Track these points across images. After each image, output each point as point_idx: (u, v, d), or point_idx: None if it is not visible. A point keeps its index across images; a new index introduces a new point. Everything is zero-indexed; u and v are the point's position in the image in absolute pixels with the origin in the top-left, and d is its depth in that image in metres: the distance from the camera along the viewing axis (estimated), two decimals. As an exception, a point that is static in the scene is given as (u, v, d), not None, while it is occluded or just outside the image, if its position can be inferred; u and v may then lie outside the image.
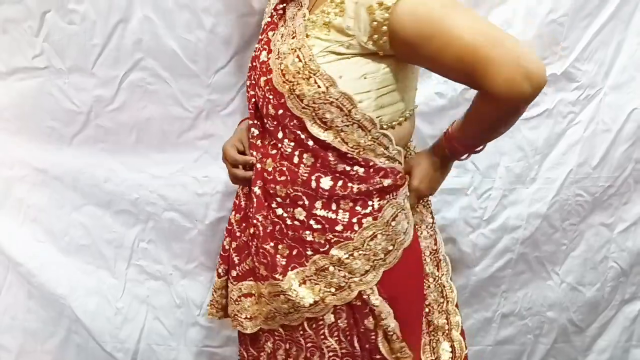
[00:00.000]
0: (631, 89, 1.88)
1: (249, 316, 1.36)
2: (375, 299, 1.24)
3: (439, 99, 1.79)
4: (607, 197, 1.99)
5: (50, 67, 1.72)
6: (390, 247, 1.25)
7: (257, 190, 1.28)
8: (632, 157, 1.94)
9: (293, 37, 1.20)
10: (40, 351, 1.92)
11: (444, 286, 1.42)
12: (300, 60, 1.17)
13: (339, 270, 1.24)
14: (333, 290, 1.25)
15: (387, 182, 1.22)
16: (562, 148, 1.91)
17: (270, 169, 1.26)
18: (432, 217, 1.45)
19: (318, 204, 1.23)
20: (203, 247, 1.90)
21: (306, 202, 1.23)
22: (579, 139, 1.91)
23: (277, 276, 1.26)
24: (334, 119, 1.18)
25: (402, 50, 1.14)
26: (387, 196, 1.24)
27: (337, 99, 1.17)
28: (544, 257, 2.03)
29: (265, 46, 1.29)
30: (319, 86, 1.16)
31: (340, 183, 1.22)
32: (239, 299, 1.37)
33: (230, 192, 1.85)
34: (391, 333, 1.25)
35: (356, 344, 1.28)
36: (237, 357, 1.94)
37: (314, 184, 1.22)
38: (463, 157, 1.32)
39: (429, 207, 1.44)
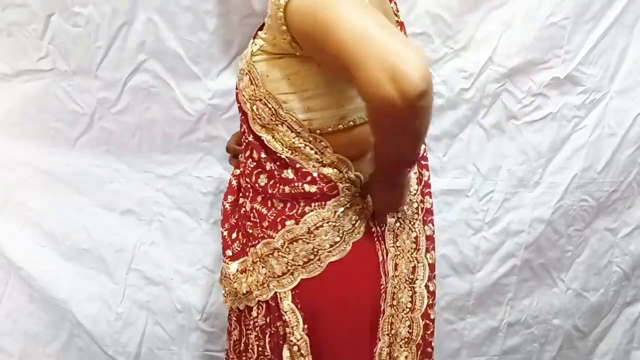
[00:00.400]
0: (637, 93, 1.88)
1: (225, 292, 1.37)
2: (287, 305, 1.21)
3: (437, 98, 1.79)
4: (612, 202, 1.99)
5: (55, 69, 1.74)
6: (312, 257, 1.19)
7: (232, 178, 1.34)
8: (636, 161, 1.94)
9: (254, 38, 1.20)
10: (42, 354, 1.91)
11: (415, 292, 1.33)
12: (244, 57, 1.20)
13: (262, 267, 1.23)
14: (258, 284, 1.24)
15: (312, 188, 1.18)
16: (566, 152, 1.91)
17: (242, 160, 1.29)
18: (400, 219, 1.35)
19: (258, 198, 1.24)
20: (206, 248, 1.90)
21: (250, 195, 1.26)
22: (584, 143, 1.90)
23: (226, 259, 1.31)
24: (266, 117, 1.17)
25: (307, 51, 1.07)
26: (313, 204, 1.19)
27: (264, 97, 1.16)
28: (549, 263, 2.02)
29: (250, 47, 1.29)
30: (251, 83, 1.17)
31: (272, 182, 1.21)
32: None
33: (233, 193, 1.86)
34: (293, 345, 1.21)
35: (267, 344, 1.27)
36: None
37: (254, 179, 1.24)
38: (406, 171, 1.16)
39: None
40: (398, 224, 1.30)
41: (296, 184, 1.18)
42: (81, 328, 1.90)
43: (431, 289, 1.36)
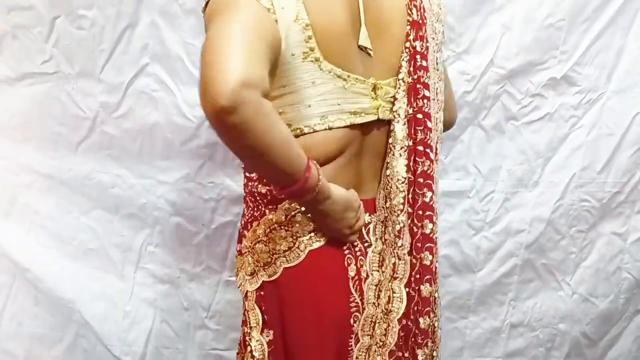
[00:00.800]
0: (635, 93, 1.90)
1: None
2: (251, 304, 1.21)
3: None
4: (617, 205, 1.99)
5: (59, 73, 1.76)
6: (269, 260, 1.18)
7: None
8: (639, 162, 1.94)
9: None
10: (47, 357, 1.92)
11: (393, 291, 1.22)
12: None
13: (242, 257, 1.25)
14: (245, 275, 1.24)
15: (263, 189, 1.17)
16: (564, 152, 1.92)
17: None
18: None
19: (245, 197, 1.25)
20: (210, 250, 1.91)
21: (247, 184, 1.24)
22: (582, 143, 1.92)
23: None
24: None
25: None
26: (270, 205, 1.17)
27: None
28: (552, 265, 2.02)
29: None
30: None
31: (245, 181, 1.22)
32: None
33: (235, 198, 1.87)
34: (247, 346, 1.22)
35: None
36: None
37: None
38: (300, 197, 1.09)
39: None
40: (385, 247, 1.23)
41: (254, 183, 1.18)
42: (88, 328, 1.91)
43: (421, 325, 1.23)
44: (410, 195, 1.21)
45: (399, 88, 1.20)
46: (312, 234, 1.17)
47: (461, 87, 1.82)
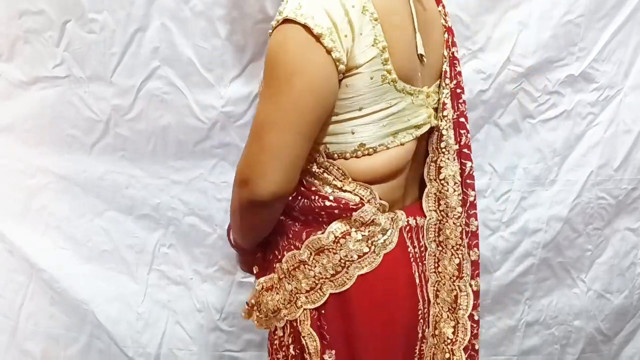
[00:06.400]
0: (653, 89, 1.86)
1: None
2: (306, 329, 1.17)
3: None
4: (632, 201, 1.97)
5: (71, 76, 1.76)
6: (339, 269, 1.14)
7: None
8: (655, 158, 1.92)
9: None
10: (63, 357, 1.94)
11: (458, 322, 1.27)
12: None
13: (288, 283, 1.18)
14: (285, 302, 1.19)
15: (328, 202, 1.15)
16: (581, 150, 1.90)
17: None
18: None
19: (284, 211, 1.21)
20: (223, 251, 1.91)
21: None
22: (599, 140, 1.89)
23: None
24: None
25: None
26: (343, 214, 1.15)
27: None
28: (568, 263, 2.00)
29: None
30: None
31: (295, 195, 1.19)
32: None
33: (248, 198, 1.87)
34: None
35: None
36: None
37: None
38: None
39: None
40: (440, 249, 1.26)
41: (316, 197, 1.15)
42: (102, 329, 1.92)
43: (475, 317, 1.28)
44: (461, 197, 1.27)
45: (446, 94, 1.24)
46: (386, 238, 1.17)
47: (477, 85, 1.79)
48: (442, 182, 1.25)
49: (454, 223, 1.25)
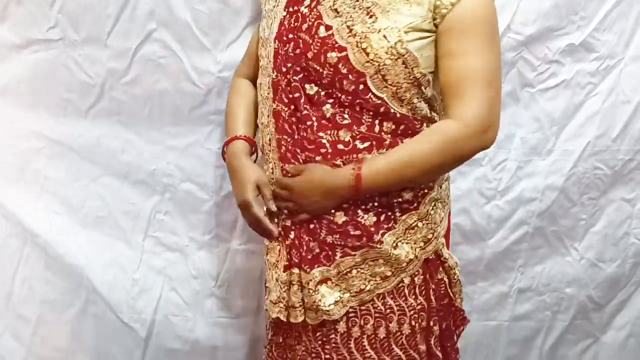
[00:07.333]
0: (653, 59, 1.85)
1: (333, 301, 1.35)
2: (446, 252, 1.43)
3: None
4: (628, 171, 1.97)
5: (65, 39, 1.73)
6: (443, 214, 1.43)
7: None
8: (654, 130, 1.92)
9: (370, 16, 1.23)
10: (59, 321, 1.93)
11: None
12: (387, 41, 1.22)
13: (427, 224, 1.36)
14: (422, 244, 1.36)
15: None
16: (580, 119, 1.90)
17: (347, 139, 1.30)
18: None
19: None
20: (219, 218, 1.91)
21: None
22: (597, 110, 1.89)
23: (374, 243, 1.33)
24: (411, 97, 1.28)
25: (444, 38, 1.25)
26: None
27: (418, 79, 1.27)
28: (562, 231, 2.01)
29: (313, 20, 1.29)
30: (407, 67, 1.24)
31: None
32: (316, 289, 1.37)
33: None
34: (455, 280, 1.45)
35: (432, 297, 1.39)
36: (252, 327, 1.99)
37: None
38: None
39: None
40: None
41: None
42: (97, 294, 1.92)
43: None
44: None
45: None
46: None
47: (476, 53, 1.78)
48: None
49: None
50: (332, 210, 1.32)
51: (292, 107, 1.33)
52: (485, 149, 1.30)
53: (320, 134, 1.30)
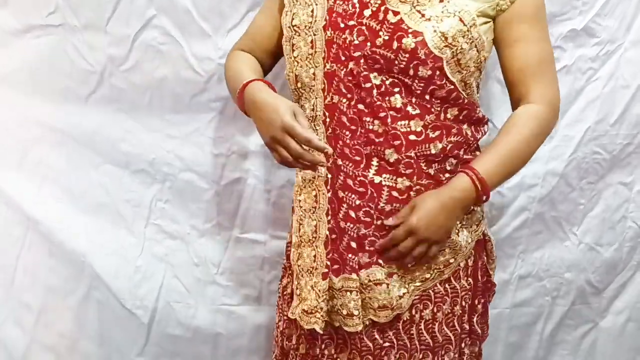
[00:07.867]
0: (653, 44, 1.85)
1: (402, 293, 1.33)
2: (488, 230, 1.49)
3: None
4: (626, 155, 1.97)
5: (65, 25, 1.72)
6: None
7: (394, 156, 1.29)
8: (652, 114, 1.91)
9: (441, 0, 1.24)
10: (62, 308, 1.94)
11: None
12: (463, 24, 1.23)
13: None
14: (475, 227, 1.41)
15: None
16: (580, 105, 1.89)
17: (419, 129, 1.28)
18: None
19: (463, 151, 1.35)
20: (220, 207, 1.91)
21: (460, 153, 1.34)
22: (598, 95, 1.88)
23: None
24: (472, 82, 1.31)
25: (504, 22, 1.29)
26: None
27: (481, 63, 1.31)
28: (561, 216, 2.01)
29: (378, 6, 1.26)
30: (477, 52, 1.27)
31: (474, 129, 1.35)
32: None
33: (245, 153, 1.87)
34: (494, 257, 1.52)
35: (478, 276, 1.44)
36: (253, 314, 1.99)
37: (463, 133, 1.33)
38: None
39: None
40: None
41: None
42: (100, 281, 1.92)
43: None
44: None
45: None
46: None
47: (478, 39, 1.77)
48: None
49: None
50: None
51: (356, 98, 1.28)
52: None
53: (393, 125, 1.27)
